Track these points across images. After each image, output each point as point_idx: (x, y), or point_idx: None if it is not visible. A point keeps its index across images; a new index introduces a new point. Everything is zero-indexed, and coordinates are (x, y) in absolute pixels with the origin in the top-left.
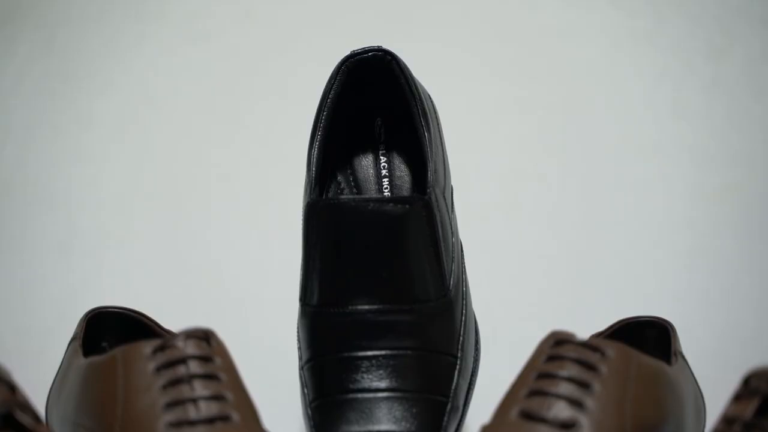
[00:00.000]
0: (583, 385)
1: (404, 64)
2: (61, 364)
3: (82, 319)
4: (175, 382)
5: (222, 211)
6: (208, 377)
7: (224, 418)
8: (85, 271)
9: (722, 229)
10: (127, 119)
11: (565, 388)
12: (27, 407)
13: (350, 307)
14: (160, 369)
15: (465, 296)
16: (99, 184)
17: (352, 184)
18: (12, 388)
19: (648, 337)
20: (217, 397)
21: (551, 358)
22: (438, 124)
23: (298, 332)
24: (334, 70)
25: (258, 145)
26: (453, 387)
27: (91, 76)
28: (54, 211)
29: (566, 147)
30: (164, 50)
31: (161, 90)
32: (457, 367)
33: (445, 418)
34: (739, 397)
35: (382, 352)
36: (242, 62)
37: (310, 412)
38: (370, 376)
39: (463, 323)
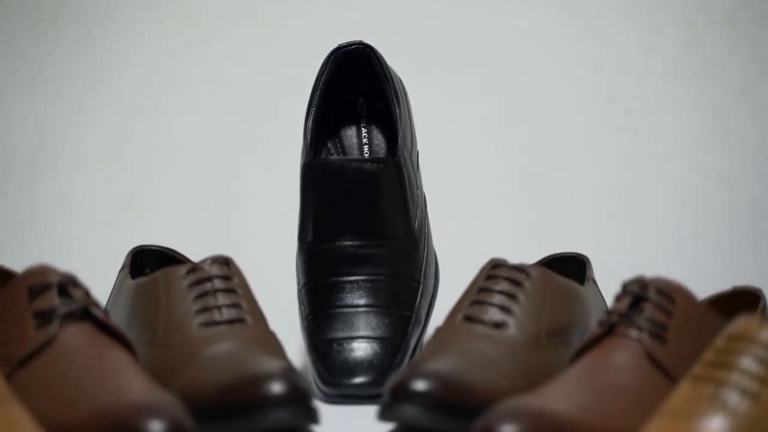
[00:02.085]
0: (512, 297)
1: (380, 54)
2: (113, 288)
3: (128, 254)
4: (203, 295)
5: (236, 173)
6: (228, 291)
7: (240, 321)
8: (124, 222)
9: (640, 189)
10: (151, 97)
11: (498, 299)
12: (98, 305)
13: (337, 243)
14: (191, 285)
15: (427, 236)
16: (137, 153)
17: (339, 149)
18: (87, 292)
19: (571, 269)
20: (235, 305)
21: (489, 277)
22: (407, 101)
23: (296, 263)
24: (324, 60)
25: (265, 119)
26: (416, 304)
27: (122, 60)
28: (101, 177)
29: (515, 122)
30: (182, 45)
31: (181, 78)
32: (420, 289)
33: (410, 328)
34: (618, 298)
35: (361, 277)
36: (252, 53)
37: (306, 323)
38: (352, 295)
39: (425, 256)
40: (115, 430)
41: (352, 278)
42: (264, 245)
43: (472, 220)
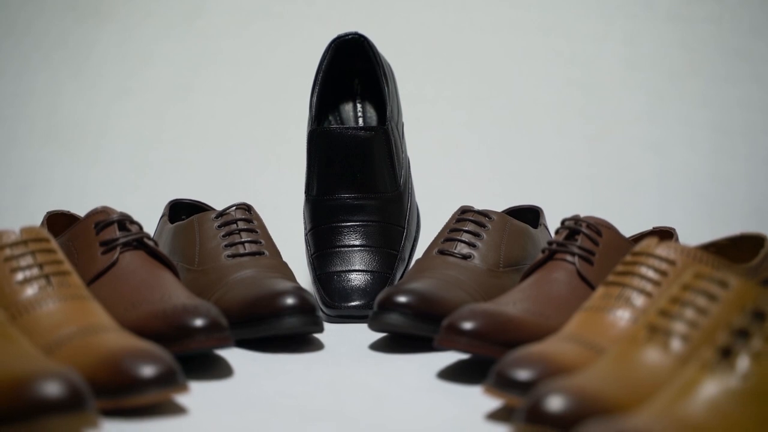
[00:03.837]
0: (476, 235)
1: (372, 43)
2: (155, 231)
3: (167, 205)
4: (230, 233)
5: (253, 140)
6: (250, 230)
7: (260, 253)
8: (161, 181)
9: (589, 158)
10: (181, 81)
11: (465, 236)
12: (150, 237)
13: (336, 196)
14: (220, 226)
15: (410, 191)
16: (171, 126)
17: (338, 120)
18: (140, 227)
19: (529, 218)
20: (255, 242)
21: (458, 220)
22: (394, 81)
23: (303, 212)
24: (326, 47)
25: (278, 95)
26: (401, 245)
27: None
28: (139, 146)
29: (486, 99)
30: (205, 38)
31: (206, 65)
32: (404, 233)
33: (396, 264)
34: (558, 231)
35: (357, 223)
36: (266, 43)
37: (311, 260)
38: (349, 237)
39: (408, 207)
40: (168, 326)
41: (349, 224)
42: (277, 198)
43: (448, 179)
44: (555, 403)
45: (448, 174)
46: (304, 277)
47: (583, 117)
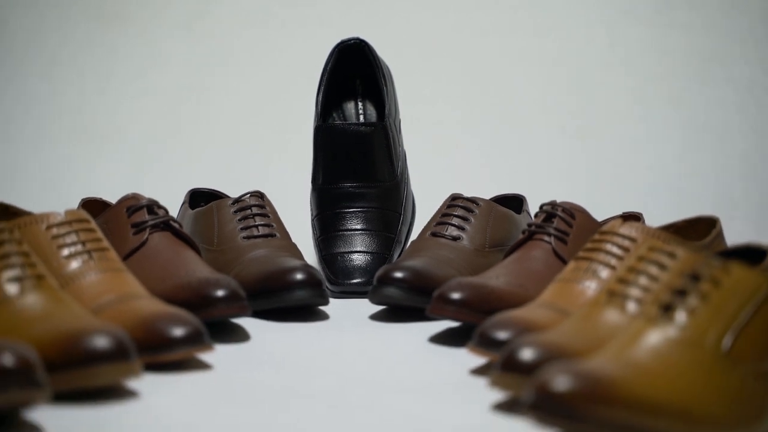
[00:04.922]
0: (465, 219)
1: (372, 47)
2: (177, 216)
3: (186, 194)
4: (245, 218)
5: (265, 135)
6: (263, 215)
7: (272, 235)
8: (180, 172)
9: (566, 156)
10: (196, 81)
11: (455, 221)
12: (175, 220)
13: (340, 185)
14: (236, 211)
15: (406, 181)
16: (188, 124)
17: (341, 116)
18: (167, 210)
19: (513, 205)
20: (267, 225)
21: (449, 206)
22: (392, 82)
23: (310, 200)
24: (331, 51)
25: (286, 94)
26: (398, 229)
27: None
28: (160, 142)
29: (475, 99)
30: (217, 44)
31: (220, 67)
32: (401, 218)
33: (393, 246)
34: (536, 214)
35: (358, 209)
36: (277, 48)
37: (317, 242)
38: (351, 222)
39: (405, 195)
40: (194, 295)
41: (351, 210)
42: (286, 187)
43: (441, 170)
44: (526, 353)
45: (441, 166)
46: (311, 257)
47: (567, 114)
